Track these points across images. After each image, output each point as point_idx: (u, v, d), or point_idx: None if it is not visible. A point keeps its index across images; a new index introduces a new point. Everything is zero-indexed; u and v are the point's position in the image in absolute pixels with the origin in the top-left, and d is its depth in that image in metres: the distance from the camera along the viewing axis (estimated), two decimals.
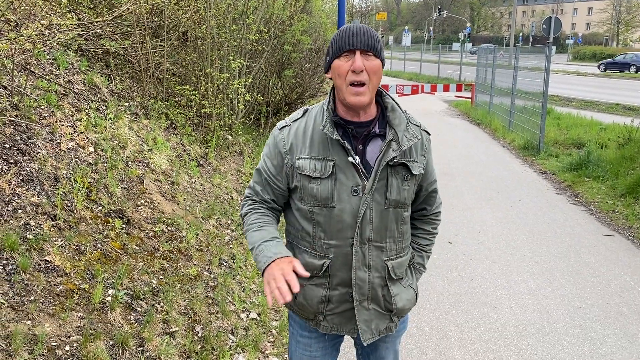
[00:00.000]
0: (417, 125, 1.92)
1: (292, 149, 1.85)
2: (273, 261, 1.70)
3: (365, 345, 1.95)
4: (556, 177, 8.49)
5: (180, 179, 4.86)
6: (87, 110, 4.38)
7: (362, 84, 1.74)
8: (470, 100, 17.63)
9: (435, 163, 2.07)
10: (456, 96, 18.93)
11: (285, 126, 1.90)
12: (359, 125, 1.82)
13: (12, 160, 3.29)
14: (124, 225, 3.63)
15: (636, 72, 34.51)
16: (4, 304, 2.51)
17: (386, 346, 2.09)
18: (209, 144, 6.11)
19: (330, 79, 1.82)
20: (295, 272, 1.65)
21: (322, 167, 1.80)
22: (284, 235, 2.04)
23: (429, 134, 1.98)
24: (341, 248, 1.83)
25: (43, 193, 3.27)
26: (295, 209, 1.91)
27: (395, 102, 1.88)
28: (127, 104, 5.21)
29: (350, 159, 1.79)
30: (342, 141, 1.77)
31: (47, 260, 2.88)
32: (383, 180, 1.81)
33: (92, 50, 5.42)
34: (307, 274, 1.66)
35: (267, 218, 1.93)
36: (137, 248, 3.55)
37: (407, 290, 1.97)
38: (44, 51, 4.56)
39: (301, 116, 1.91)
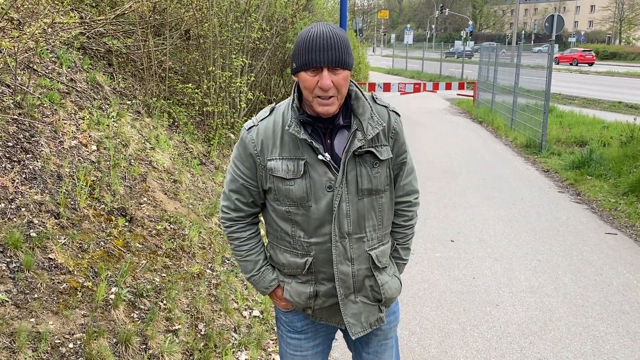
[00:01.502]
0: (385, 106, 1.86)
1: (263, 150, 1.80)
2: (268, 294, 2.01)
3: (354, 339, 1.93)
4: (558, 175, 8.48)
5: (183, 177, 4.86)
6: (89, 109, 4.39)
7: (329, 97, 1.70)
8: (472, 98, 17.61)
9: (437, 161, 2.05)
10: (458, 94, 18.92)
11: (253, 126, 1.84)
12: (326, 120, 1.78)
13: (15, 159, 3.30)
14: (126, 223, 3.64)
15: (457, 57, 41.56)
16: (7, 301, 2.52)
17: (378, 339, 2.05)
18: (211, 142, 6.11)
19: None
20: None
21: (294, 167, 1.77)
22: (265, 236, 2.04)
23: (399, 115, 1.91)
24: (322, 245, 1.82)
25: (46, 191, 3.28)
26: (272, 210, 1.88)
27: (359, 89, 1.82)
28: (129, 102, 5.21)
29: (320, 157, 1.76)
30: (310, 141, 1.74)
31: (51, 258, 2.89)
32: (353, 171, 1.78)
33: (94, 48, 5.43)
34: (289, 307, 2.00)
35: (249, 243, 1.95)
36: (139, 246, 3.56)
37: (392, 279, 1.95)
38: (47, 49, 4.56)
39: (268, 114, 1.85)
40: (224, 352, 3.13)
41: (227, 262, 4.22)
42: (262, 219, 2.02)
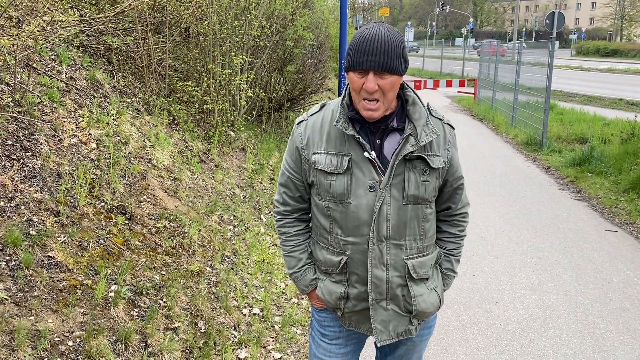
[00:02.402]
0: (440, 119, 1.86)
1: (309, 144, 1.83)
2: (307, 293, 2.03)
3: (379, 345, 1.91)
4: (559, 172, 8.48)
5: (183, 175, 4.86)
6: (89, 107, 4.38)
7: (375, 100, 1.69)
8: (473, 95, 17.59)
9: None
10: (459, 92, 18.90)
11: (302, 121, 1.88)
12: (378, 120, 1.77)
13: (14, 157, 3.30)
14: (126, 221, 3.63)
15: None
16: (7, 299, 2.52)
17: (406, 348, 2.03)
18: (211, 140, 6.11)
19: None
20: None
21: (337, 162, 1.77)
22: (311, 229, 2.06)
23: (453, 128, 1.91)
24: (358, 245, 1.80)
25: (46, 189, 3.28)
26: (314, 205, 1.90)
27: (417, 96, 1.82)
28: (129, 100, 5.21)
29: (366, 154, 1.74)
30: (357, 137, 1.74)
31: (50, 256, 2.89)
32: (400, 175, 1.76)
33: (94, 46, 5.43)
34: (322, 306, 2.00)
35: (295, 239, 1.99)
36: (139, 244, 3.56)
37: (430, 293, 1.90)
38: (46, 47, 4.56)
39: (318, 110, 1.88)
40: (224, 350, 3.13)
41: (227, 259, 4.22)
42: None
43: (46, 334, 2.46)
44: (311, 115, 1.88)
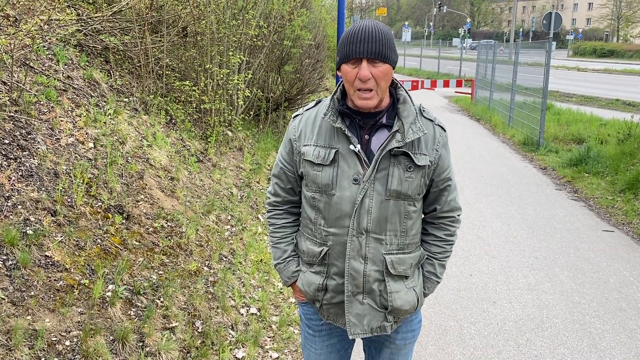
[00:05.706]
0: (431, 120, 1.88)
1: (301, 136, 1.89)
2: (289, 285, 2.08)
3: (350, 338, 1.93)
4: (556, 172, 8.50)
5: (180, 175, 4.85)
6: (86, 106, 4.37)
7: (369, 90, 1.73)
8: (470, 95, 17.62)
9: None
10: (456, 92, 18.93)
11: (298, 115, 1.96)
12: (367, 116, 1.82)
13: (11, 156, 3.29)
14: (123, 221, 3.63)
15: None
16: (4, 299, 2.51)
17: (390, 351, 2.05)
18: (209, 140, 6.10)
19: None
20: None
21: (325, 154, 1.82)
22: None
23: (444, 130, 1.91)
24: (339, 237, 1.84)
25: (43, 188, 3.27)
26: (303, 196, 1.96)
27: (408, 95, 1.86)
28: (126, 99, 5.20)
29: (351, 147, 1.79)
30: (344, 129, 1.79)
31: (47, 256, 2.89)
32: (385, 169, 1.79)
33: (91, 45, 5.41)
34: (303, 298, 2.05)
35: (282, 231, 2.05)
36: (137, 243, 3.55)
37: (408, 291, 1.90)
38: (43, 46, 4.55)
39: (314, 105, 1.95)
40: (221, 350, 3.13)
41: (225, 259, 4.21)
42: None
43: (43, 334, 2.46)
44: (307, 110, 1.96)
